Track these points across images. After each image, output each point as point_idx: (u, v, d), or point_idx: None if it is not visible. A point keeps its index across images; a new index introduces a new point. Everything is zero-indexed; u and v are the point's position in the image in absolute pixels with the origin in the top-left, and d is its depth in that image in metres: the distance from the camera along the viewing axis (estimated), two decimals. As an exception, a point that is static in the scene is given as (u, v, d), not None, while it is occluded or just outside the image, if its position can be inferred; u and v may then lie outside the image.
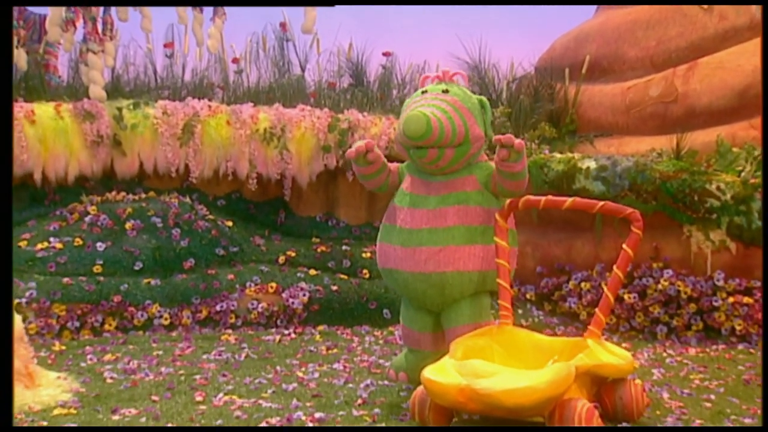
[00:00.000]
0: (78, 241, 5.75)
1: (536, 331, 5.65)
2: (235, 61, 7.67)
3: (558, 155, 6.15)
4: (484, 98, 3.85)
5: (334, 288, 5.94)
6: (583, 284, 5.84)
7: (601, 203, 3.35)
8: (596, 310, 3.32)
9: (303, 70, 7.88)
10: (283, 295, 5.82)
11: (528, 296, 6.29)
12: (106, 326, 5.34)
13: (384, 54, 8.07)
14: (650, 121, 6.74)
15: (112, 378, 4.15)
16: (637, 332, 5.61)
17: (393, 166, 3.94)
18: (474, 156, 3.74)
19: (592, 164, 5.81)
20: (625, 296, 5.57)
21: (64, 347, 4.90)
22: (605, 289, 3.29)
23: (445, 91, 3.69)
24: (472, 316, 3.73)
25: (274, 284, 5.88)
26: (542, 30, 8.96)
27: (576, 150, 6.67)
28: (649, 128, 6.72)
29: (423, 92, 3.76)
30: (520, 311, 6.09)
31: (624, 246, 3.28)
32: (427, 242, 3.62)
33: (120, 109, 6.46)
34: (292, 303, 5.77)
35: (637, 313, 5.57)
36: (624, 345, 5.24)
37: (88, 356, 4.64)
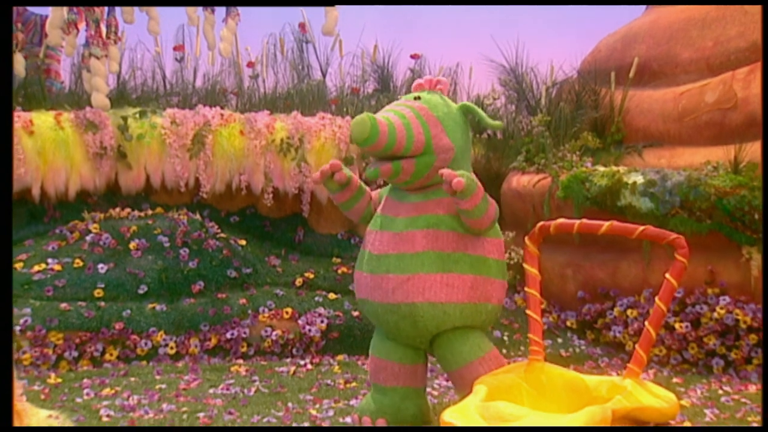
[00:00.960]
0: (78, 263, 5.81)
1: (578, 362, 5.68)
2: (250, 65, 7.73)
3: (601, 168, 6.09)
4: (467, 103, 3.81)
5: (356, 314, 5.92)
6: (629, 311, 5.76)
7: (642, 228, 3.29)
8: (636, 346, 3.26)
9: (324, 74, 7.92)
10: (300, 321, 5.82)
11: (568, 323, 6.23)
12: (107, 356, 5.37)
13: (412, 56, 8.09)
14: (706, 131, 6.63)
15: (108, 416, 4.17)
16: (690, 365, 5.51)
17: (372, 193, 3.94)
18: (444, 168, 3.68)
19: (639, 179, 5.74)
20: (677, 325, 5.48)
21: (60, 380, 4.94)
22: (647, 324, 3.24)
23: (417, 98, 3.68)
24: (476, 351, 3.68)
25: (289, 309, 5.89)
26: (586, 30, 8.87)
27: (622, 162, 6.59)
28: (705, 138, 6.61)
29: (415, 99, 3.75)
30: (559, 340, 6.04)
31: (667, 275, 3.22)
32: (394, 269, 3.58)
33: (125, 119, 6.53)
34: (309, 330, 5.76)
35: (690, 344, 5.47)
36: (675, 380, 5.17)
37: (85, 390, 4.67)
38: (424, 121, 3.59)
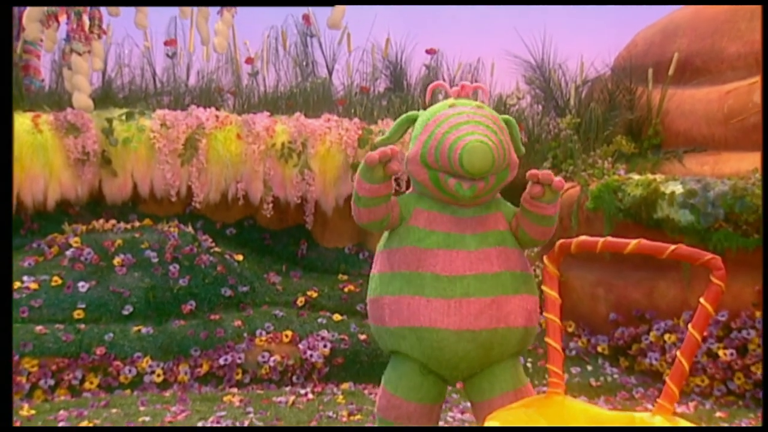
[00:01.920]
0: (56, 280, 5.81)
1: (609, 393, 5.64)
2: (249, 61, 7.74)
3: (636, 177, 6.05)
4: (512, 119, 3.77)
5: (363, 337, 5.90)
6: (667, 336, 5.72)
7: (673, 247, 3.23)
8: (666, 379, 3.21)
9: (330, 71, 7.92)
10: (300, 345, 5.80)
11: (599, 349, 6.18)
12: (87, 384, 5.37)
13: (428, 51, 8.07)
14: (754, 134, 6.57)
15: (85, 451, 4.16)
16: (736, 398, 5.46)
17: (393, 199, 3.86)
18: (506, 184, 3.66)
19: (678, 188, 5.70)
20: (721, 352, 5.43)
21: (33, 411, 4.93)
22: (678, 354, 3.19)
23: (480, 106, 3.63)
24: (515, 382, 3.65)
25: (289, 332, 5.87)
26: (620, 22, 8.86)
27: (660, 170, 6.54)
28: (753, 143, 6.55)
29: (451, 105, 3.69)
30: (589, 368, 5.99)
31: (702, 300, 3.17)
32: (476, 292, 3.51)
33: (110, 121, 6.54)
34: (311, 356, 5.74)
35: (736, 374, 5.42)
36: (719, 414, 5.11)
37: (61, 423, 4.66)
38: (504, 135, 3.57)
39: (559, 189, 3.36)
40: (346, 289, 6.51)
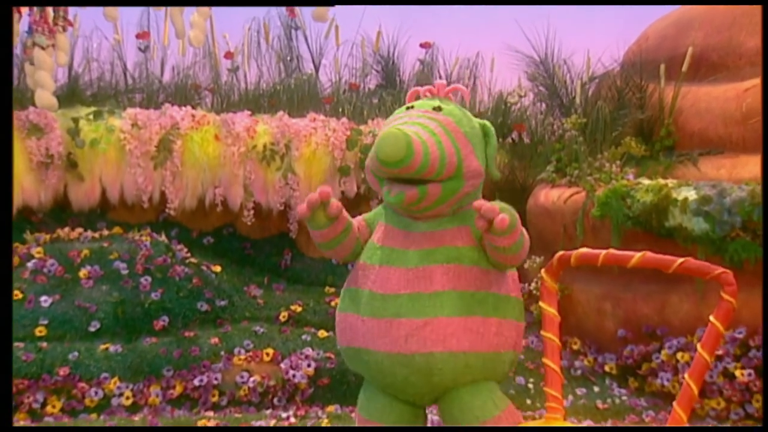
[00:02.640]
0: (17, 295, 5.78)
1: (617, 416, 5.61)
2: (229, 56, 7.74)
3: (646, 181, 6.02)
4: (488, 123, 3.71)
5: (350, 356, 5.87)
6: (679, 354, 5.69)
7: (680, 261, 3.21)
8: (674, 404, 3.19)
9: (316, 67, 7.93)
10: (283, 365, 5.77)
11: (607, 368, 6.16)
12: (49, 408, 5.32)
13: (422, 45, 8.08)
14: (774, 135, 6.58)
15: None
16: (755, 421, 5.43)
17: (358, 221, 3.80)
18: (467, 197, 3.60)
19: (692, 194, 5.67)
20: (738, 372, 5.40)
21: (-11, 437, 4.90)
22: (686, 377, 3.17)
23: (437, 109, 3.55)
24: (490, 408, 3.60)
25: (271, 350, 5.83)
26: (630, 14, 8.83)
27: (672, 174, 6.52)
28: (773, 144, 6.56)
29: (408, 108, 3.65)
30: (596, 388, 5.96)
31: (711, 318, 3.15)
32: (407, 312, 3.45)
33: (76, 120, 6.53)
34: (294, 376, 5.71)
35: (755, 396, 5.39)
36: (735, 438, 5.10)
37: (19, 450, 4.64)
38: (454, 139, 3.48)
39: (501, 229, 3.23)
40: (333, 303, 6.47)
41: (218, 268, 6.56)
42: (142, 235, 6.39)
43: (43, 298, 5.77)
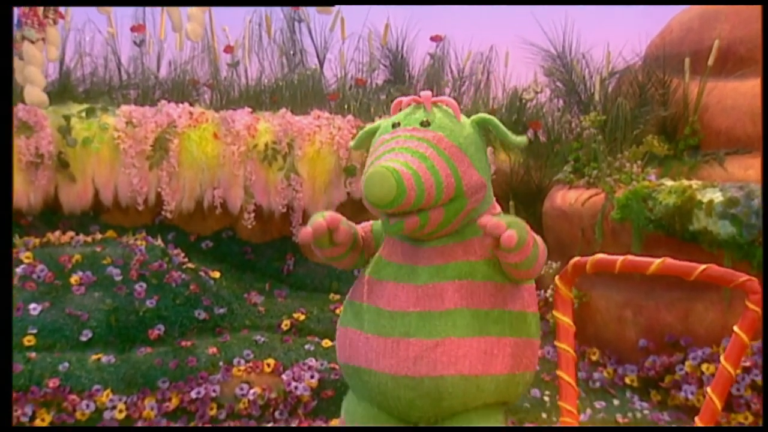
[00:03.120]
0: (4, 301, 5.77)
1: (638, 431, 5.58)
2: (228, 50, 7.74)
3: (669, 183, 6.00)
4: (484, 116, 3.65)
5: (356, 367, 5.85)
6: (704, 366, 5.66)
7: (702, 267, 3.20)
8: (696, 419, 3.18)
9: (321, 61, 7.93)
10: (284, 376, 5.75)
11: (627, 380, 6.13)
12: (38, 421, 5.30)
13: (433, 38, 8.06)
14: (806, 133, 6.55)
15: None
16: (784, 436, 5.40)
17: (365, 229, 3.79)
18: (474, 212, 3.56)
19: (718, 196, 5.64)
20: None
21: (-26, 452, 4.90)
22: (709, 390, 3.15)
23: (425, 124, 3.46)
24: None
25: (272, 361, 5.81)
26: (653, 5, 8.80)
27: (697, 174, 6.50)
28: (805, 142, 6.53)
29: (394, 125, 3.51)
30: (615, 402, 5.94)
31: (735, 328, 3.14)
32: (417, 332, 3.41)
33: (68, 118, 6.52)
34: (296, 388, 5.69)
35: (784, 409, 5.37)
36: (763, 455, 5.06)
37: (6, 466, 4.62)
38: (448, 157, 3.40)
39: (507, 247, 3.19)
40: (338, 311, 6.44)
41: (217, 274, 6.55)
42: (136, 239, 6.37)
43: (32, 305, 5.76)
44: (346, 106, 7.28)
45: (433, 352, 3.39)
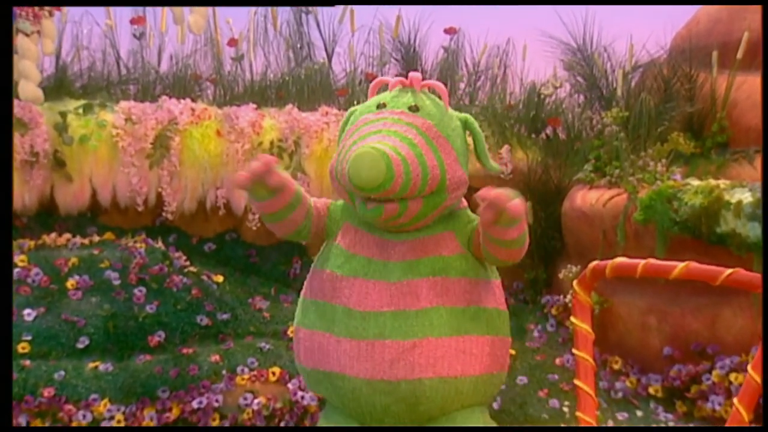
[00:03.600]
0: (-2, 307, 5.78)
1: (663, 444, 5.57)
2: (232, 43, 7.73)
3: (695, 182, 5.98)
4: (468, 117, 3.60)
5: (365, 376, 5.85)
6: (733, 376, 5.64)
7: (728, 272, 3.18)
8: (723, 433, 3.16)
9: (329, 55, 7.91)
10: (290, 385, 5.75)
11: (651, 390, 6.11)
12: (32, 431, 5.34)
13: (447, 31, 8.04)
14: (842, 130, 6.52)
15: None
16: (817, 449, 5.38)
17: (320, 203, 3.71)
18: (448, 209, 3.53)
19: (747, 196, 5.62)
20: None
21: (-34, 464, 4.90)
22: (735, 402, 3.13)
23: (414, 109, 3.43)
24: None
25: (277, 369, 5.82)
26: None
27: (725, 174, 6.48)
28: (841, 140, 6.50)
29: (379, 106, 3.49)
30: (639, 413, 5.92)
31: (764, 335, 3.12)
32: (392, 333, 3.38)
33: (64, 115, 6.52)
34: (303, 397, 5.69)
35: (816, 421, 5.35)
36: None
37: (-2, 479, 4.63)
38: (436, 148, 3.37)
39: (515, 217, 3.10)
40: (346, 317, 6.46)
41: (220, 278, 6.56)
42: (136, 242, 6.38)
43: (26, 311, 5.76)
44: (355, 102, 7.24)
45: (410, 354, 3.36)
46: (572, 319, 3.50)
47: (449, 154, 3.39)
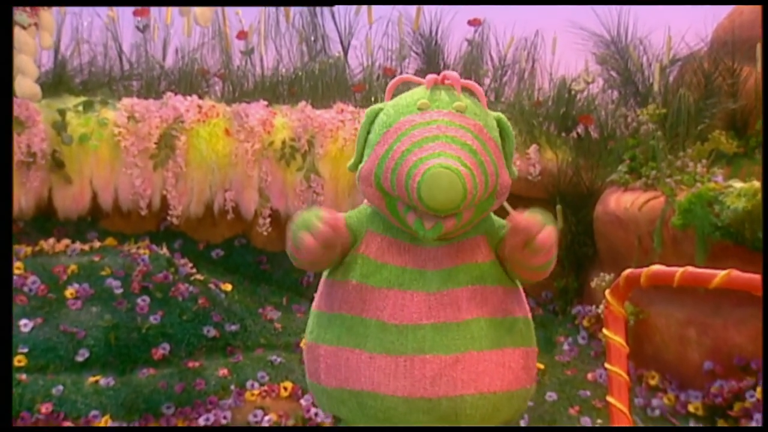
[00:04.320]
0: (-8, 317, 5.81)
1: (703, 466, 5.55)
2: (242, 36, 7.74)
3: (738, 184, 5.94)
4: (502, 116, 3.54)
5: (383, 391, 5.85)
6: (778, 392, 5.62)
7: (774, 282, 3.16)
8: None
9: (345, 49, 7.91)
10: (303, 401, 5.78)
11: (691, 408, 6.08)
12: (28, 451, 5.37)
13: (471, 23, 8.03)
14: None
15: None
16: None
17: (337, 217, 3.63)
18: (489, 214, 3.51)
19: (793, 199, 5.60)
20: None
21: (-42, 485, 4.92)
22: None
23: (460, 109, 3.29)
24: None
25: (289, 384, 5.84)
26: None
27: (771, 175, 6.46)
28: None
29: (420, 109, 3.30)
30: (678, 434, 5.91)
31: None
32: (433, 347, 3.30)
33: (63, 113, 6.55)
34: (316, 414, 5.72)
35: None
36: None
37: (-8, 501, 4.64)
38: (490, 151, 3.31)
39: (544, 248, 3.13)
40: (363, 328, 6.46)
41: (229, 287, 6.57)
42: (139, 248, 6.40)
43: (23, 321, 5.78)
44: (372, 99, 7.26)
45: (452, 370, 3.32)
46: (605, 331, 3.48)
47: (499, 157, 3.34)
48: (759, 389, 5.72)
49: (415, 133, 3.24)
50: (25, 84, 6.51)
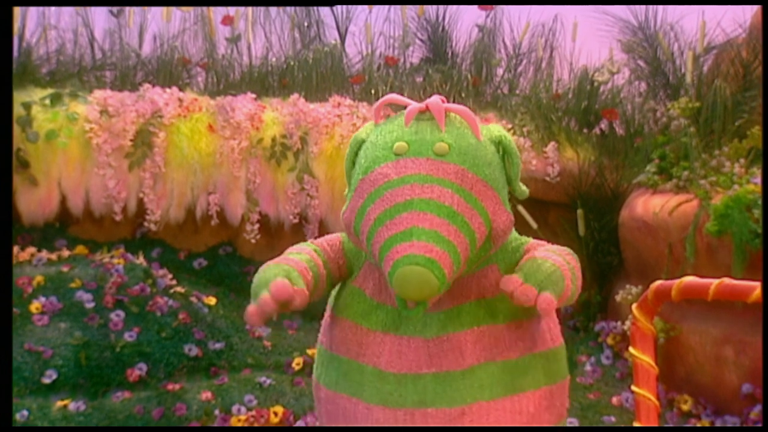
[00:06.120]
0: (-51, 334, 5.81)
1: (741, 500, 5.55)
2: (227, 21, 7.75)
3: (779, 187, 5.97)
4: (504, 137, 3.43)
5: (384, 417, 5.86)
6: (825, 418, 5.62)
7: (821, 297, 3.17)
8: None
9: (342, 37, 7.93)
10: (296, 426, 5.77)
11: (728, 435, 6.10)
12: (-11, 483, 5.35)
13: (482, 6, 8.04)
14: None
15: None
16: None
17: (332, 244, 3.51)
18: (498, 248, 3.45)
19: (841, 203, 5.62)
20: None
21: None
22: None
23: (441, 151, 3.13)
24: None
25: (279, 408, 5.83)
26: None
27: (815, 176, 6.47)
28: None
29: (397, 155, 3.13)
30: (713, 463, 5.91)
31: None
32: (435, 400, 3.22)
33: (28, 107, 6.57)
34: (310, 442, 5.72)
35: None
36: None
37: None
38: (476, 199, 3.20)
39: (546, 313, 3.04)
40: (362, 347, 6.47)
41: (212, 300, 6.59)
42: (113, 257, 6.42)
43: (-17, 339, 5.80)
44: (372, 91, 7.29)
45: (458, 423, 3.24)
46: (631, 349, 3.47)
47: (491, 199, 3.20)
48: (803, 415, 5.74)
49: (387, 196, 3.13)
50: (-14, 75, 6.53)
